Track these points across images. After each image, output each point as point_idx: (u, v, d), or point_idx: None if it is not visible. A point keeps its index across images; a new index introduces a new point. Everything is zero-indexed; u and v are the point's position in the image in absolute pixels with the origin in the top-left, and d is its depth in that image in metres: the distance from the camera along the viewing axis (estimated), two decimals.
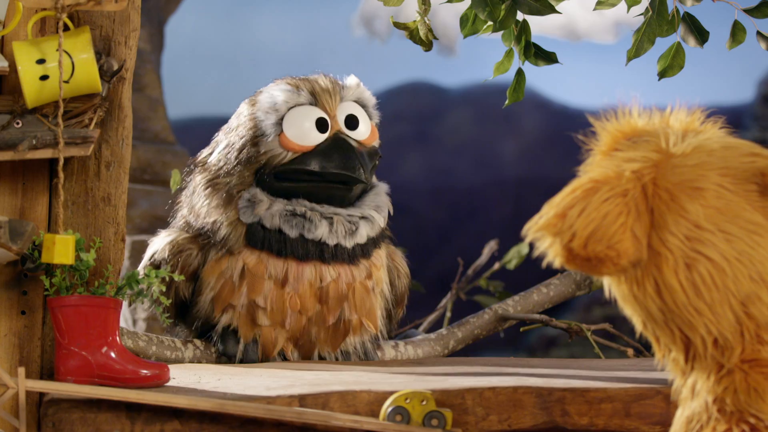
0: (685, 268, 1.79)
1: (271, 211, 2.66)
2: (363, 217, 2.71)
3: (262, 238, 2.65)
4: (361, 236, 2.69)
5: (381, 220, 2.74)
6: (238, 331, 2.68)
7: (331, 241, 2.66)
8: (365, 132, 2.75)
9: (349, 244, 2.67)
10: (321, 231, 2.65)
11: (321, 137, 2.70)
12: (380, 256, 2.76)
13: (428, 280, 3.65)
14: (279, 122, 2.69)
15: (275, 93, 2.71)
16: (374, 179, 2.81)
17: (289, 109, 2.70)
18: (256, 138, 2.69)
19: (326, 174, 2.68)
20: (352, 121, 2.74)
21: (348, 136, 2.72)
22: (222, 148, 2.72)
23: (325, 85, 2.74)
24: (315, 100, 2.71)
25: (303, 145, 2.69)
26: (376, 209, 2.74)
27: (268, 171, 2.68)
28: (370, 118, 2.78)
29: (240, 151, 2.69)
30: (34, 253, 2.31)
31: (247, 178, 2.69)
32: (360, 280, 2.69)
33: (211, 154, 2.75)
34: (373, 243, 2.72)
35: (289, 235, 2.65)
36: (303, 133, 2.69)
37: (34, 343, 2.39)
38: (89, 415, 2.17)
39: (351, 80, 2.79)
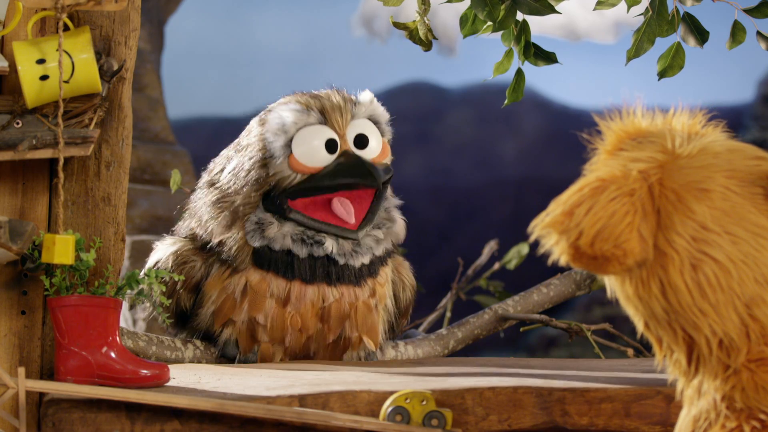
0: (690, 268, 1.80)
1: (282, 231, 2.64)
2: (371, 237, 2.69)
3: (269, 260, 2.64)
4: (368, 255, 2.68)
5: (389, 240, 2.72)
6: (238, 343, 2.67)
7: (340, 260, 2.64)
8: (376, 149, 2.72)
9: (356, 263, 2.66)
10: (329, 244, 2.63)
11: (330, 158, 2.67)
12: (386, 271, 2.74)
13: (428, 280, 3.65)
14: (288, 144, 2.65)
15: (284, 114, 2.67)
16: (389, 192, 2.79)
17: (298, 130, 2.67)
18: (265, 160, 2.66)
19: (338, 186, 2.67)
20: (361, 141, 2.70)
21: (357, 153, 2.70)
22: (232, 168, 2.69)
23: (336, 102, 2.69)
24: (324, 119, 2.68)
25: (312, 167, 2.66)
26: (380, 227, 2.72)
27: (278, 193, 2.67)
28: (383, 134, 2.75)
29: (249, 172, 2.66)
30: (34, 253, 2.31)
31: (254, 199, 2.66)
32: (363, 299, 2.68)
33: (222, 170, 2.72)
34: (380, 261, 2.71)
35: (299, 255, 2.63)
36: (312, 155, 2.66)
37: (34, 343, 2.39)
38: (89, 415, 2.17)
39: (364, 96, 2.75)
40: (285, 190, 2.65)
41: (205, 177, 2.76)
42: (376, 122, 2.74)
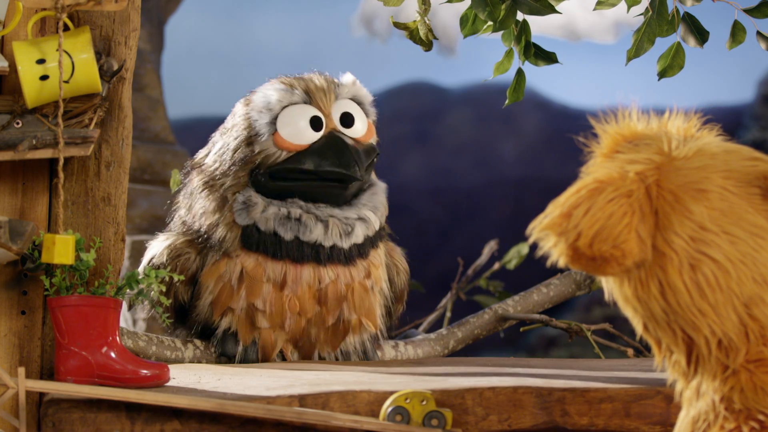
0: (689, 268, 1.80)
1: (266, 214, 2.65)
2: (359, 218, 2.70)
3: (257, 241, 2.65)
4: (357, 237, 2.68)
5: (377, 221, 2.73)
6: (238, 333, 2.68)
7: (327, 243, 2.65)
8: (361, 129, 2.74)
9: (345, 245, 2.67)
10: (316, 233, 2.64)
11: (315, 136, 2.69)
12: (379, 254, 2.75)
13: (428, 280, 3.65)
14: (273, 121, 2.68)
15: (269, 92, 2.70)
16: (374, 176, 2.80)
17: (283, 108, 2.69)
18: (250, 138, 2.68)
19: (321, 172, 2.67)
20: (347, 119, 2.73)
21: (343, 134, 2.71)
22: (217, 149, 2.71)
23: (320, 84, 2.72)
24: (309, 98, 2.70)
25: (297, 144, 2.68)
26: (372, 210, 2.73)
27: (263, 171, 2.67)
28: (367, 115, 2.77)
29: (235, 151, 2.68)
30: (34, 253, 2.31)
31: (242, 178, 2.68)
32: (359, 280, 2.69)
33: (207, 155, 2.75)
34: (370, 243, 2.72)
35: (284, 238, 2.64)
36: (297, 131, 2.68)
37: (34, 343, 2.39)
38: (89, 415, 2.17)
39: (347, 78, 2.78)
40: (270, 168, 2.66)
41: (191, 163, 2.77)
42: (359, 103, 2.76)
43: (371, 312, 2.72)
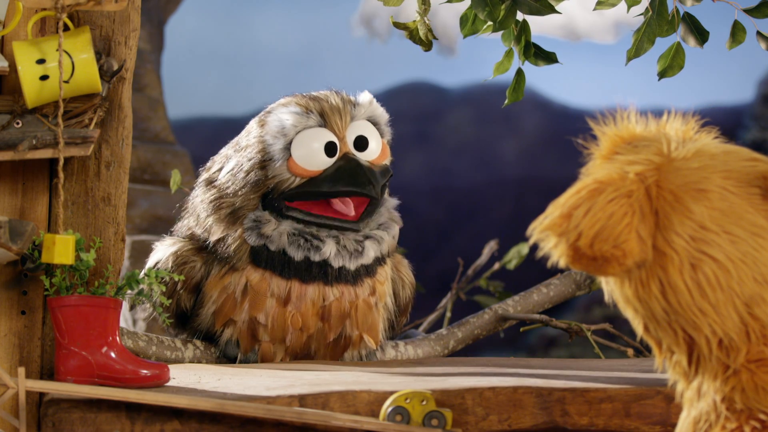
0: (690, 268, 1.80)
1: (279, 230, 2.64)
2: (370, 237, 2.69)
3: (266, 259, 2.64)
4: (367, 257, 2.67)
5: (388, 240, 2.72)
6: (239, 343, 2.68)
7: (336, 263, 2.64)
8: (376, 151, 2.72)
9: (353, 266, 2.66)
10: (328, 248, 2.63)
11: (329, 161, 2.67)
12: (385, 270, 2.74)
13: (428, 280, 3.65)
14: (287, 147, 2.65)
15: (283, 116, 2.67)
16: (388, 197, 2.79)
17: (298, 133, 2.66)
18: (264, 162, 2.66)
19: (335, 193, 2.66)
20: (361, 142, 2.70)
21: (357, 157, 2.70)
22: (230, 168, 2.69)
23: (336, 104, 2.69)
24: (324, 121, 2.67)
25: (311, 170, 2.66)
26: (384, 228, 2.72)
27: (276, 195, 2.66)
28: (382, 135, 2.75)
29: (248, 173, 2.66)
30: (34, 253, 2.31)
31: (253, 200, 2.66)
32: (363, 297, 2.68)
33: (220, 170, 2.71)
34: (378, 262, 2.71)
35: (294, 258, 2.63)
36: (311, 158, 2.66)
37: (34, 343, 2.39)
38: (89, 415, 2.17)
39: (364, 97, 2.74)
40: (283, 192, 2.65)
41: (204, 175, 2.76)
42: (375, 123, 2.74)
43: (373, 328, 2.71)
